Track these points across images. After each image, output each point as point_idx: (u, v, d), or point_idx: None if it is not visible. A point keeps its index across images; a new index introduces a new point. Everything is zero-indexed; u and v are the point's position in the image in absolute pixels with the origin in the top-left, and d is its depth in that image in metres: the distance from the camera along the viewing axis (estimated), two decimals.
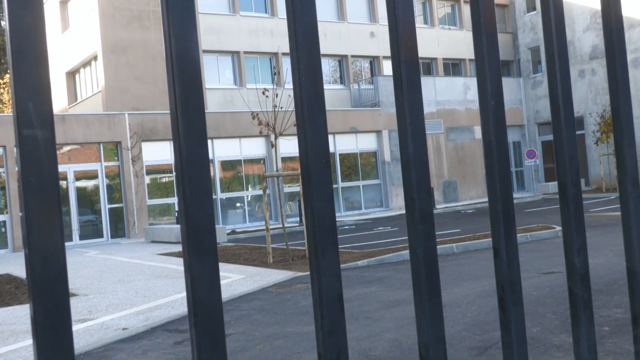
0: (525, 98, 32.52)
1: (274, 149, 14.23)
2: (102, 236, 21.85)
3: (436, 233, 15.94)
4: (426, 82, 28.97)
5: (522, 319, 1.46)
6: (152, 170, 23.08)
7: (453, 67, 33.35)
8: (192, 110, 1.10)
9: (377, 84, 27.81)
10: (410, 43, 1.35)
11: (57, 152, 21.77)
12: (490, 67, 1.48)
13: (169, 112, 27.20)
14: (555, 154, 1.62)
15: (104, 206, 21.91)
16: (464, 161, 29.60)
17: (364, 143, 27.33)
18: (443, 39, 32.33)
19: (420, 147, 1.34)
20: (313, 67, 1.23)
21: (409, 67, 1.36)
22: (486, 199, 28.57)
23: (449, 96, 29.51)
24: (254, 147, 24.82)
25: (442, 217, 22.08)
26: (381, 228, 19.53)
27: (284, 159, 24.85)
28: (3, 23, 35.03)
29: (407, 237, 16.96)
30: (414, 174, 1.34)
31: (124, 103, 24.51)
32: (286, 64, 27.15)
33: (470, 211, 24.06)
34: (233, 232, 21.58)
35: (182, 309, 8.57)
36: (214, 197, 23.84)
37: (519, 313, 1.45)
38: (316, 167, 1.20)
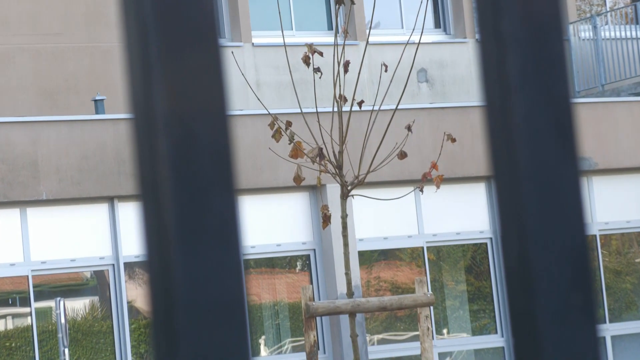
0: None
1: (339, 228, 13.63)
2: None
3: None
4: None
5: None
6: None
7: None
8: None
9: None
10: None
11: None
12: None
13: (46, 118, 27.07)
14: None
15: None
16: None
17: (616, 209, 23.37)
18: None
19: None
20: None
21: None
22: None
23: None
24: (278, 222, 21.66)
25: None
26: None
27: (364, 256, 23.00)
28: None
29: None
30: None
31: None
32: None
33: None
34: None
35: None
36: None
37: None
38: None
